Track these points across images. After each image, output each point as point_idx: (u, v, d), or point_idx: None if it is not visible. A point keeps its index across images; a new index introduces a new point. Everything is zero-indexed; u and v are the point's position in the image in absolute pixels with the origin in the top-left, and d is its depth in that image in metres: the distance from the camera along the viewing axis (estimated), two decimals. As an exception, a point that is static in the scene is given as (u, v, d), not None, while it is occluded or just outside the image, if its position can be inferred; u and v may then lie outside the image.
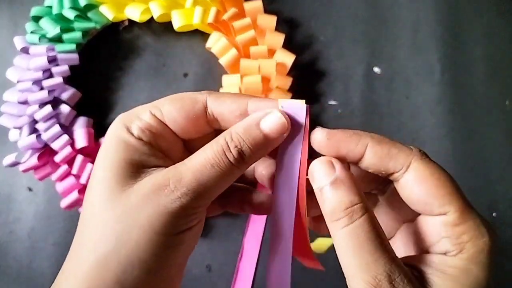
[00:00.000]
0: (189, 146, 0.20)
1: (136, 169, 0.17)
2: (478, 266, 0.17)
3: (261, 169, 0.21)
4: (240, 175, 0.18)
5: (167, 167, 0.18)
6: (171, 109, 0.19)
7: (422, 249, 0.19)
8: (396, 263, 0.16)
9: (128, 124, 0.18)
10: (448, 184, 0.18)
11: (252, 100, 0.19)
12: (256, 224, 0.39)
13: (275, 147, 0.19)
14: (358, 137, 0.18)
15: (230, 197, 0.22)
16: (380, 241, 0.16)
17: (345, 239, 0.17)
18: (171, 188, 0.17)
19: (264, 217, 0.39)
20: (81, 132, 0.39)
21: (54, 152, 0.38)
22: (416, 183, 0.18)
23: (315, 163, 0.18)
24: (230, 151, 0.17)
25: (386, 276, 0.16)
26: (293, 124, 0.19)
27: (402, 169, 0.18)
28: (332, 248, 0.38)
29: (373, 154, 0.18)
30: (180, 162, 0.18)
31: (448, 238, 0.18)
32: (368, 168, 0.19)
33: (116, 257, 0.16)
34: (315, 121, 0.42)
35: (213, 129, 0.20)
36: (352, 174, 0.18)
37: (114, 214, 0.17)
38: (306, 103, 0.21)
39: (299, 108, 0.20)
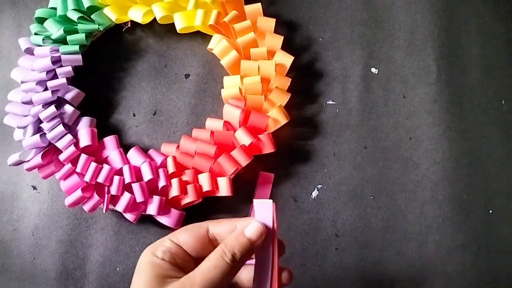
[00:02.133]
0: (198, 262, 0.26)
1: (161, 280, 0.24)
2: None
3: (244, 275, 0.28)
4: (236, 272, 0.25)
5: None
6: (184, 236, 0.26)
7: None
8: None
9: (154, 251, 0.25)
10: None
11: (240, 220, 0.26)
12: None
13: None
14: None
15: None
16: None
17: None
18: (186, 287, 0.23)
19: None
20: (84, 132, 0.39)
21: (58, 151, 0.39)
22: None
23: None
24: (226, 254, 0.24)
25: None
26: (267, 225, 0.26)
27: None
28: (332, 246, 0.38)
29: None
30: (191, 271, 0.24)
31: None
32: None
33: None
34: (314, 121, 0.43)
35: (214, 247, 0.26)
36: None
37: None
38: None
39: (267, 206, 0.26)
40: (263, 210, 0.26)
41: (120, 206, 0.38)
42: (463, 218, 0.41)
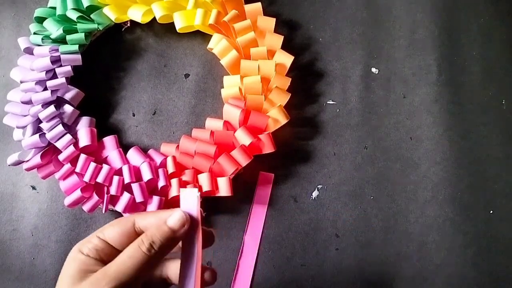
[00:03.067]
0: None
1: (82, 274, 0.24)
2: None
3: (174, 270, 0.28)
4: (154, 264, 0.25)
5: None
6: (111, 230, 0.26)
7: None
8: None
9: (81, 248, 0.25)
10: None
11: (167, 212, 0.26)
12: (256, 222, 0.40)
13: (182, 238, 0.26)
14: None
15: None
16: None
17: None
18: (102, 281, 0.23)
19: (263, 214, 0.40)
20: (84, 132, 0.39)
21: (57, 151, 0.39)
22: None
23: None
24: (143, 243, 0.24)
25: None
26: (191, 216, 0.25)
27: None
28: (332, 246, 0.38)
29: None
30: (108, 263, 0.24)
31: None
32: None
33: None
34: (314, 121, 0.43)
35: None
36: None
37: None
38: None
39: (193, 195, 0.26)
40: (189, 200, 0.26)
41: (119, 206, 0.38)
42: (464, 218, 0.40)
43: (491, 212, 0.41)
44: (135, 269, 0.23)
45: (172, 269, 0.27)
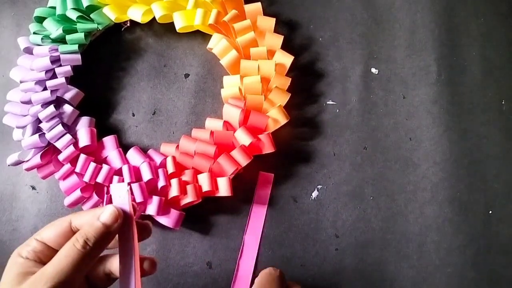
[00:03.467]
0: None
1: (22, 277, 0.24)
2: None
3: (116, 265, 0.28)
4: (91, 260, 0.25)
5: None
6: (48, 232, 0.26)
7: None
8: None
9: (20, 251, 0.26)
10: None
11: (100, 209, 0.26)
12: (256, 222, 0.40)
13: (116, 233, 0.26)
14: None
15: None
16: None
17: None
18: (40, 282, 0.23)
19: (263, 214, 0.40)
20: (83, 132, 0.39)
21: (57, 151, 0.39)
22: None
23: None
24: (78, 241, 0.24)
25: None
26: (124, 210, 0.26)
27: None
28: (332, 246, 0.38)
29: None
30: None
31: None
32: None
33: None
34: (314, 121, 0.43)
35: None
36: None
37: None
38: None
39: (123, 190, 0.26)
40: (120, 195, 0.26)
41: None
42: (463, 218, 0.41)
43: (491, 212, 0.41)
44: (72, 267, 0.24)
45: (114, 264, 0.28)
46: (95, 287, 0.28)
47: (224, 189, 0.38)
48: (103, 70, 0.44)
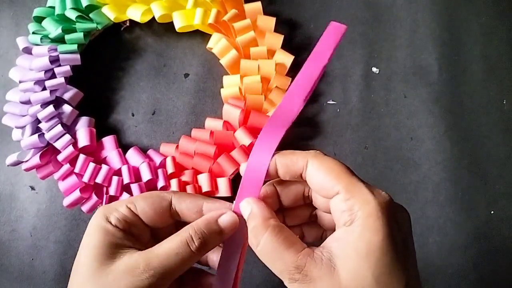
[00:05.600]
0: (154, 233, 0.25)
1: (113, 250, 0.22)
2: (370, 231, 0.20)
3: (213, 256, 0.27)
4: (198, 260, 0.23)
5: (137, 248, 0.23)
6: (143, 205, 0.24)
7: (336, 228, 0.22)
8: (302, 254, 0.20)
9: (108, 215, 0.23)
10: (336, 169, 0.22)
11: (207, 201, 0.25)
12: (304, 81, 0.27)
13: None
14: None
15: (187, 278, 0.27)
16: (284, 245, 0.21)
17: (260, 252, 0.22)
18: (141, 270, 0.21)
19: (319, 71, 0.27)
20: (83, 132, 0.39)
21: (56, 152, 0.39)
22: (313, 175, 0.22)
23: (241, 204, 0.24)
24: (193, 242, 0.22)
25: (295, 268, 0.20)
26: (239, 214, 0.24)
27: (303, 168, 0.23)
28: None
29: (281, 166, 0.24)
30: (149, 249, 0.22)
31: (345, 212, 0.21)
32: (285, 178, 0.24)
33: None
34: (314, 121, 0.42)
35: (174, 220, 0.25)
36: (264, 206, 0.23)
37: None
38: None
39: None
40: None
41: None
42: (465, 218, 0.40)
43: (492, 212, 0.41)
44: (180, 265, 0.22)
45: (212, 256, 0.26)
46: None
47: (224, 189, 0.38)
48: (102, 70, 0.44)
